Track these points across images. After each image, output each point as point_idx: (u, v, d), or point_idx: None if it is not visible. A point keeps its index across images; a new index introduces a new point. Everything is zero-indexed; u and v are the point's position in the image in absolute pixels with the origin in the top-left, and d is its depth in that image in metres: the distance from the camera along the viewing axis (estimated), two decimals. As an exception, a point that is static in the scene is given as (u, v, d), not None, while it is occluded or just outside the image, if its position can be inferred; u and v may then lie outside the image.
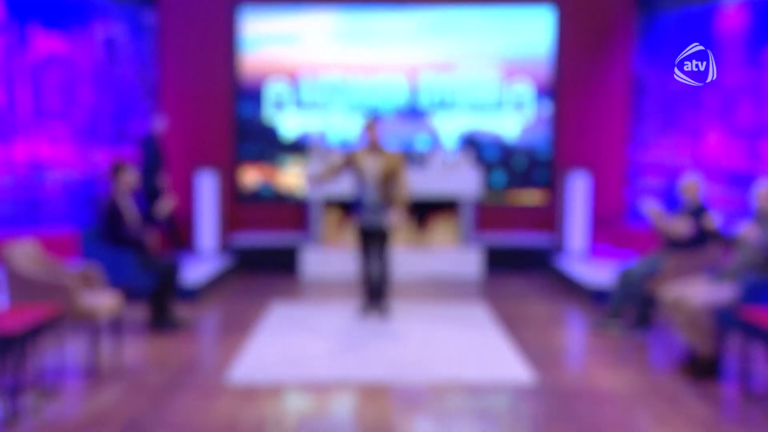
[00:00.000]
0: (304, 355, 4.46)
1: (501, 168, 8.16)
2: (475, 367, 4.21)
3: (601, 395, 3.82)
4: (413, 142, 8.11)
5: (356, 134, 7.99)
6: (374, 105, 8.05)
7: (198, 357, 4.55)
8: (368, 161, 5.16)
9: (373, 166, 5.15)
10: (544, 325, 5.34)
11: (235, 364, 4.27)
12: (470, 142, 8.10)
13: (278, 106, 8.06)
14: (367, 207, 5.15)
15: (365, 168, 5.16)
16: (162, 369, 4.25)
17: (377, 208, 5.14)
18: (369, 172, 5.14)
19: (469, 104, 8.06)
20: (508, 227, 8.11)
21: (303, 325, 5.20)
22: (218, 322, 5.46)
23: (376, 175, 5.14)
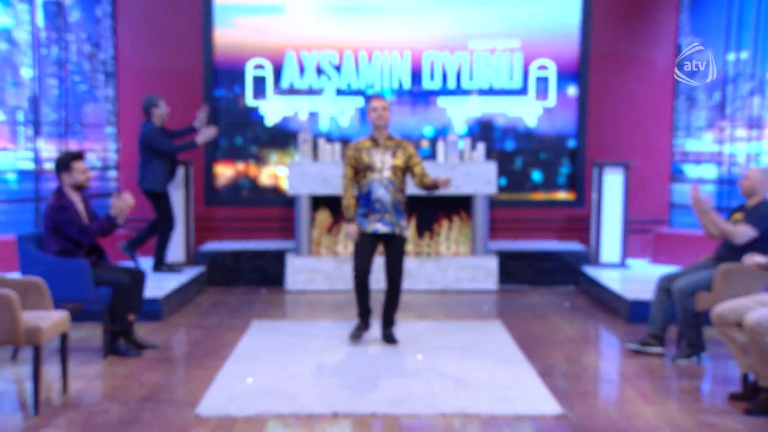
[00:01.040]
0: (288, 384, 4.39)
1: (520, 163, 8.12)
2: (492, 398, 4.12)
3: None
4: (417, 132, 8.07)
5: (351, 122, 8.03)
6: (371, 89, 8.01)
7: (162, 388, 4.41)
8: (376, 154, 5.07)
9: (383, 160, 5.06)
10: (572, 348, 5.29)
11: (207, 396, 4.18)
12: (484, 132, 8.06)
13: (259, 91, 8.03)
14: (376, 210, 5.05)
15: (373, 163, 5.06)
16: (119, 403, 4.13)
17: (390, 210, 5.05)
18: (378, 167, 5.05)
19: (482, 88, 8.03)
20: (529, 232, 8.10)
21: (288, 348, 5.16)
22: (187, 346, 5.39)
23: (389, 170, 5.06)
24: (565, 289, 7.40)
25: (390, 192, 5.03)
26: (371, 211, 5.07)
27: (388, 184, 5.04)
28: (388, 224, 5.05)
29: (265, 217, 8.07)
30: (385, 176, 5.04)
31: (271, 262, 7.50)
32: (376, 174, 5.04)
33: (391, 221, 5.05)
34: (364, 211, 5.11)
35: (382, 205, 5.04)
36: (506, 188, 8.10)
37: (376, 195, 5.05)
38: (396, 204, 5.06)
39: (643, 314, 5.75)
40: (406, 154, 5.11)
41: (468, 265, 7.30)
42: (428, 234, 7.52)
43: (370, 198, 5.06)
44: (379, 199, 5.04)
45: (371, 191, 5.06)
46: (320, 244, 7.47)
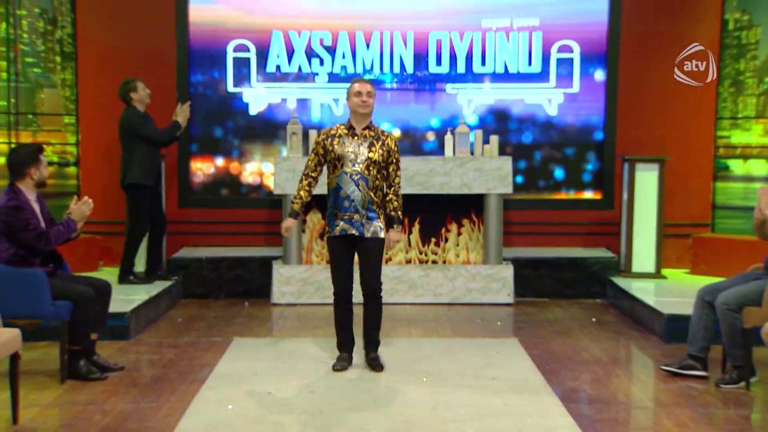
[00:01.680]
0: (274, 412, 4.32)
1: (539, 158, 8.10)
2: (508, 429, 4.05)
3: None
4: (422, 123, 8.06)
5: (346, 111, 8.01)
6: (370, 74, 8.00)
7: (129, 416, 4.34)
8: (349, 144, 4.97)
9: (357, 151, 4.95)
10: (599, 370, 5.25)
11: (181, 426, 4.12)
12: (498, 123, 8.04)
13: (241, 76, 8.01)
14: (344, 209, 4.94)
15: (344, 153, 4.95)
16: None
17: (360, 210, 4.94)
18: (351, 159, 4.94)
19: (496, 72, 8.01)
20: (550, 238, 8.09)
21: (274, 370, 5.13)
22: (158, 368, 5.32)
23: (362, 164, 4.94)
24: (591, 303, 7.39)
25: (361, 189, 4.89)
26: (339, 210, 4.94)
27: (359, 179, 4.90)
28: (356, 225, 4.91)
29: (248, 220, 8.04)
30: (356, 170, 4.91)
31: (255, 272, 7.49)
32: (347, 167, 4.91)
33: (361, 222, 4.92)
34: (331, 210, 4.99)
35: (350, 204, 4.91)
36: (523, 187, 8.08)
37: (345, 191, 4.92)
38: (369, 203, 4.93)
39: (682, 332, 5.64)
40: (386, 148, 4.97)
41: (479, 274, 7.27)
42: (434, 239, 7.50)
43: (338, 195, 4.93)
44: (347, 196, 4.91)
45: (339, 187, 4.93)
46: (311, 251, 7.44)
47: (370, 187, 4.92)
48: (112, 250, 7.71)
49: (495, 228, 7.31)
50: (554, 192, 8.14)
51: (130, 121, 6.80)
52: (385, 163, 4.96)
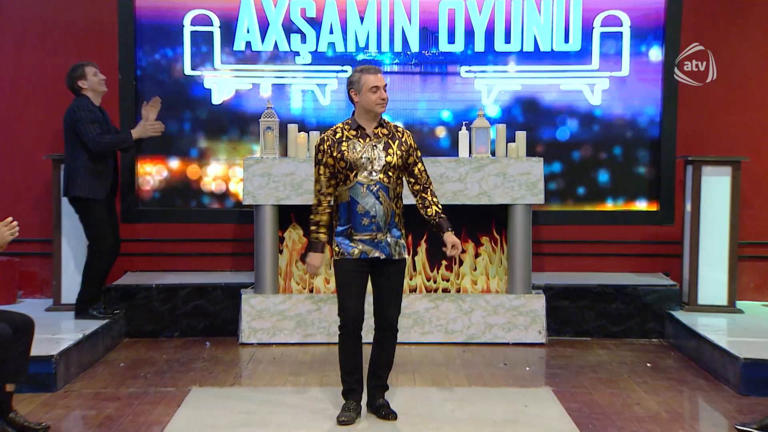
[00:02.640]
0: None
1: (578, 159, 8.10)
2: None
3: None
4: (429, 116, 8.06)
5: (334, 100, 8.00)
6: (364, 54, 8.00)
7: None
8: (362, 148, 5.07)
9: (373, 156, 5.07)
10: (656, 429, 5.23)
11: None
12: (525, 115, 8.04)
13: (202, 56, 8.03)
14: (364, 228, 5.09)
15: (358, 160, 5.06)
16: None
17: (383, 227, 5.07)
18: (366, 167, 5.05)
19: (525, 51, 8.02)
20: (592, 260, 8.09)
21: (243, 427, 5.14)
22: (93, 427, 5.28)
23: (380, 170, 5.06)
24: (645, 343, 7.38)
25: (383, 201, 5.03)
26: (357, 230, 5.04)
27: (379, 190, 5.02)
28: (381, 247, 5.06)
29: (210, 237, 8.05)
30: (374, 179, 5.02)
31: (220, 303, 7.51)
32: (363, 176, 5.02)
33: (387, 242, 5.06)
34: (345, 229, 5.09)
35: (371, 221, 5.02)
36: (558, 196, 8.09)
37: (362, 206, 5.04)
38: (391, 217, 5.08)
39: (763, 381, 5.66)
40: (405, 147, 5.12)
41: (503, 306, 7.26)
42: (445, 262, 7.47)
43: (354, 211, 5.05)
44: (366, 212, 5.03)
45: (355, 201, 5.04)
46: (290, 277, 7.44)
47: (392, 197, 5.07)
48: (35, 276, 7.69)
49: (522, 248, 7.29)
50: (598, 202, 8.13)
51: (74, 116, 6.78)
52: (405, 165, 5.10)
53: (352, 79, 5.07)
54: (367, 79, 5.03)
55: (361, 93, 5.03)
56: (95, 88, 6.91)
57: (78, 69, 6.90)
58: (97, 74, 6.93)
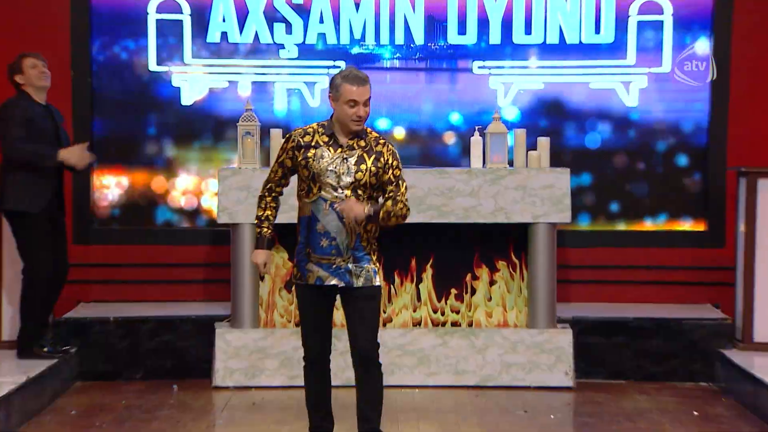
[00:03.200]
0: None
1: (611, 170, 8.11)
2: None
3: None
4: (436, 119, 8.07)
5: (325, 100, 7.97)
6: (361, 47, 8.01)
7: None
8: (332, 159, 5.05)
9: (342, 169, 5.06)
10: None
11: None
12: (549, 118, 8.05)
13: (170, 49, 8.04)
14: (322, 250, 5.08)
15: (323, 171, 5.05)
16: None
17: (343, 251, 5.06)
18: (332, 180, 5.04)
19: (548, 44, 8.03)
20: (628, 289, 8.09)
21: None
22: None
23: (348, 187, 5.05)
24: (691, 387, 7.36)
25: (346, 223, 5.02)
26: (314, 251, 5.07)
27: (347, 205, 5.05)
28: (339, 273, 5.08)
29: (178, 261, 8.06)
30: (340, 196, 5.02)
31: (190, 339, 7.52)
32: (326, 191, 5.03)
33: (347, 268, 5.07)
34: (303, 248, 5.14)
35: (331, 243, 5.04)
36: (587, 213, 8.09)
37: (322, 225, 5.05)
38: (357, 241, 5.09)
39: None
40: (381, 163, 5.07)
41: (523, 343, 7.25)
42: (455, 291, 7.45)
43: (314, 229, 5.07)
44: (326, 233, 5.04)
45: (315, 218, 5.06)
46: (273, 309, 7.43)
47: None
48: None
49: (545, 274, 7.30)
50: (635, 221, 8.14)
51: (1, 113, 6.74)
52: (379, 183, 5.08)
53: (333, 83, 5.07)
54: (347, 90, 4.99)
55: (338, 102, 5.03)
56: (33, 83, 6.87)
57: (15, 61, 6.91)
58: (36, 66, 6.88)
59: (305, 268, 5.09)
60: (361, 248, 5.07)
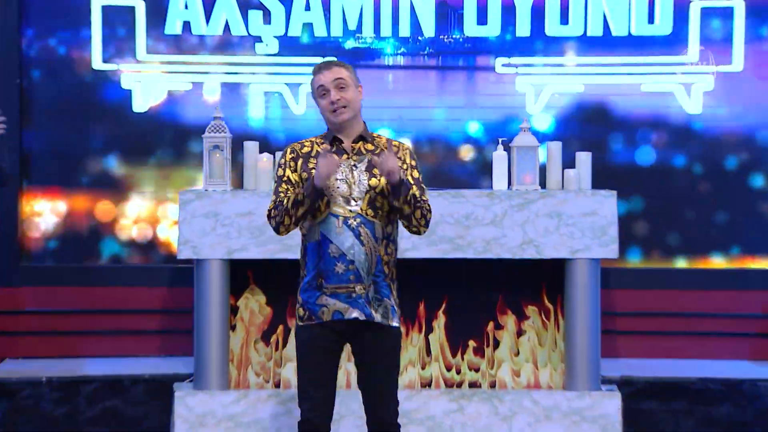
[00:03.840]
0: None
1: (669, 192, 8.12)
2: None
3: None
4: (450, 130, 8.13)
5: (311, 107, 7.99)
6: (357, 40, 8.09)
7: None
8: (339, 169, 5.11)
9: (352, 179, 5.14)
10: None
11: None
12: (590, 128, 8.09)
13: (119, 42, 8.09)
14: (337, 277, 5.18)
15: (331, 185, 5.10)
16: None
17: (364, 277, 5.12)
18: (344, 193, 5.12)
19: (589, 36, 8.08)
20: (690, 341, 8.10)
21: None
22: None
23: (362, 199, 5.12)
24: None
25: (365, 241, 5.10)
26: (327, 279, 5.13)
27: (360, 225, 5.10)
28: (359, 304, 5.12)
29: (129, 307, 8.09)
30: (354, 210, 5.10)
31: (142, 404, 7.54)
32: (338, 206, 5.12)
33: (367, 297, 5.12)
34: (312, 279, 5.18)
35: (347, 268, 5.09)
36: (639, 247, 8.14)
37: (336, 248, 5.11)
38: (377, 265, 5.14)
39: None
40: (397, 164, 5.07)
41: (559, 409, 7.25)
42: (473, 342, 7.47)
43: (325, 253, 5.13)
44: (342, 256, 5.10)
45: (327, 240, 5.13)
46: (247, 365, 7.44)
47: (379, 236, 5.15)
48: None
49: (587, 322, 7.28)
50: (698, 257, 8.19)
51: None
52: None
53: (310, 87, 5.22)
54: (314, 81, 5.16)
55: (316, 101, 5.18)
56: None
57: None
58: None
59: (316, 304, 5.12)
60: (382, 274, 5.15)
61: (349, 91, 5.11)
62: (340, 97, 5.08)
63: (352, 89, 5.12)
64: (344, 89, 5.09)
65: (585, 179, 7.38)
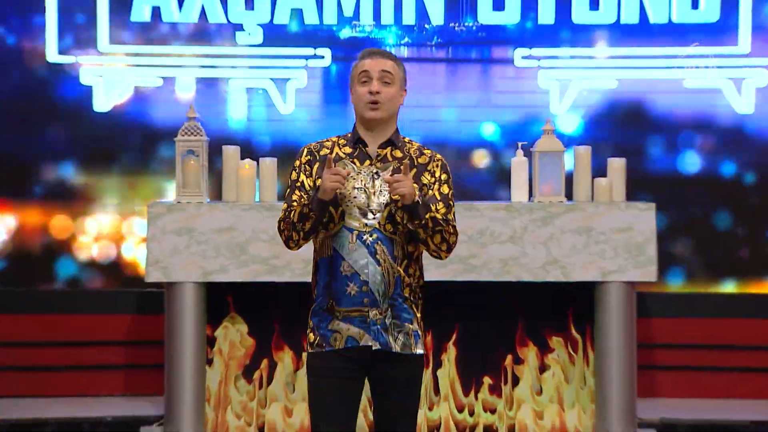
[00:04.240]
0: None
1: (717, 205, 8.14)
2: None
3: None
4: (462, 131, 8.17)
5: (305, 106, 8.07)
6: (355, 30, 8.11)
7: None
8: (358, 176, 5.13)
9: (373, 187, 5.14)
10: None
11: None
12: (623, 131, 8.12)
13: (77, 32, 8.12)
14: (350, 299, 5.15)
15: (348, 194, 5.12)
16: None
17: (380, 301, 5.14)
18: (361, 204, 5.12)
19: (623, 24, 8.10)
20: (738, 380, 8.08)
21: None
22: None
23: (383, 212, 5.12)
24: None
25: (382, 260, 5.10)
26: (339, 302, 5.12)
27: (377, 242, 5.10)
28: (373, 330, 5.11)
29: (89, 338, 8.08)
30: (371, 224, 5.09)
31: None
32: (353, 219, 5.10)
33: (384, 324, 5.12)
34: (323, 301, 5.17)
35: (361, 289, 5.09)
36: (681, 268, 8.15)
37: (348, 266, 5.10)
38: (396, 287, 5.15)
39: None
40: (428, 179, 5.21)
41: None
42: (489, 379, 7.49)
43: (337, 272, 5.12)
44: (355, 275, 5.10)
45: (339, 257, 5.12)
46: (227, 405, 7.48)
47: (399, 256, 5.14)
48: None
49: (620, 356, 7.30)
50: (749, 280, 8.20)
51: None
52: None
53: (351, 70, 5.18)
54: (360, 65, 5.14)
55: (353, 87, 5.15)
56: None
57: None
58: None
59: (328, 329, 5.12)
60: (401, 298, 5.14)
61: (392, 88, 5.12)
62: (380, 90, 5.12)
63: (396, 88, 5.14)
64: (389, 84, 5.11)
65: (618, 189, 7.39)
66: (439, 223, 5.09)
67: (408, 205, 4.98)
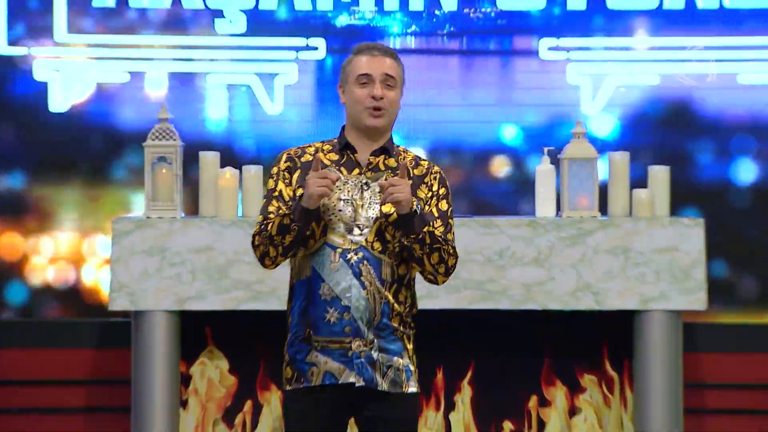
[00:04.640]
0: None
1: None
2: None
3: None
4: (478, 135, 8.18)
5: (296, 104, 8.12)
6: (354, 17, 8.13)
7: None
8: (345, 186, 5.19)
9: (361, 199, 5.20)
10: None
11: None
12: (667, 133, 8.14)
13: (31, 23, 8.16)
14: (330, 329, 5.17)
15: (331, 206, 5.18)
16: None
17: (364, 331, 5.16)
18: (347, 217, 5.17)
19: (664, 9, 8.10)
20: None
21: None
22: None
23: (372, 228, 5.17)
24: None
25: (368, 282, 5.12)
26: (316, 331, 5.16)
27: (361, 261, 5.14)
28: (356, 365, 5.13)
29: (45, 377, 8.09)
30: (356, 242, 5.15)
31: None
32: (336, 234, 5.15)
33: (370, 357, 5.15)
34: (300, 330, 5.21)
35: (342, 317, 5.12)
36: (735, 296, 8.16)
37: (328, 287, 5.14)
38: (384, 315, 5.17)
39: None
40: (424, 192, 5.28)
41: None
42: (510, 423, 7.52)
43: (316, 294, 5.16)
44: (336, 299, 5.13)
45: (319, 278, 5.16)
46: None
47: (387, 279, 5.17)
48: None
49: (664, 396, 7.33)
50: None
51: None
52: None
53: (343, 65, 5.20)
54: (356, 63, 5.17)
55: (346, 86, 5.19)
56: None
57: None
58: None
59: (305, 362, 5.16)
60: (389, 328, 5.17)
61: (395, 92, 5.19)
62: (380, 95, 5.15)
63: (397, 93, 5.21)
64: (391, 88, 5.17)
65: (662, 203, 7.44)
66: (437, 240, 5.14)
67: (403, 215, 5.00)
